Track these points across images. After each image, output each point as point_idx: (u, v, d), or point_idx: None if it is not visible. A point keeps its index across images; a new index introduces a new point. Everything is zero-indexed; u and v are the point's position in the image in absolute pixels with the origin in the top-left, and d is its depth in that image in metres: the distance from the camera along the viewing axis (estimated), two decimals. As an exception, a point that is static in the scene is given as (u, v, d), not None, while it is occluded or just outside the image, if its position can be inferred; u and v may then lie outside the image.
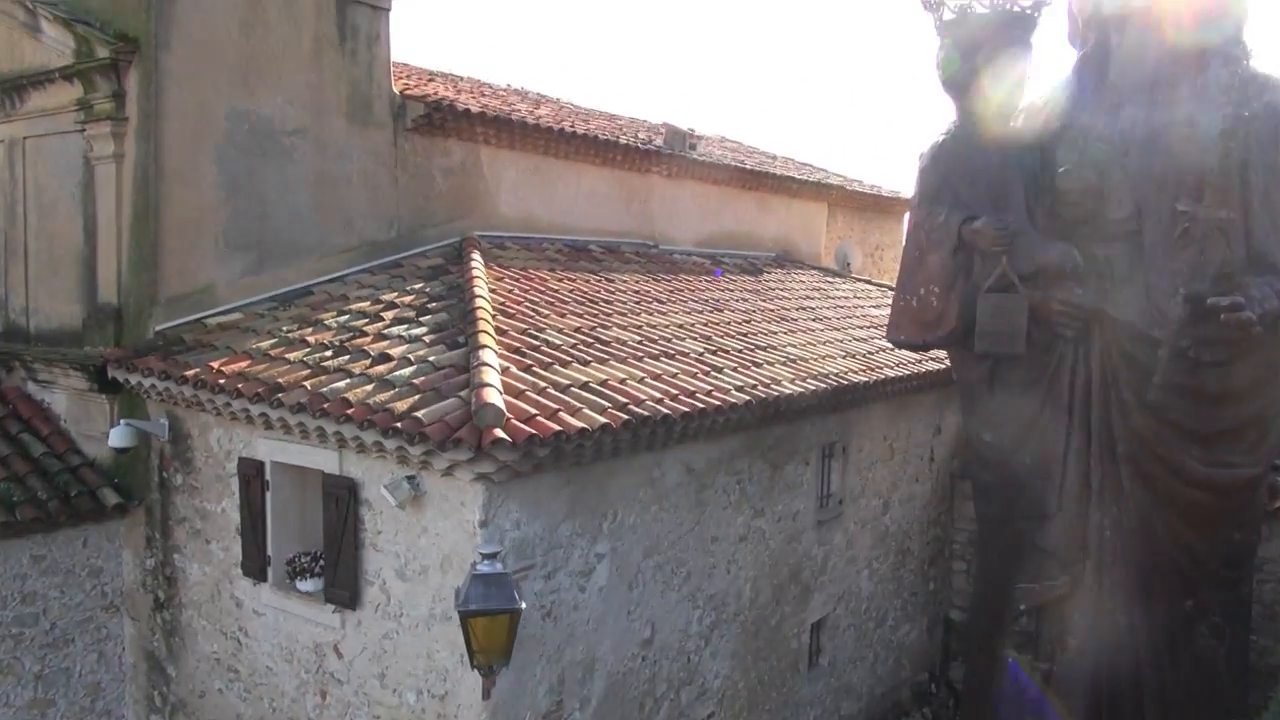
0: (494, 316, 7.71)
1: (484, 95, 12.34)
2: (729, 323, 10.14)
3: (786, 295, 12.66)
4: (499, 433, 5.70)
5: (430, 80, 12.03)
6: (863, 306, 13.44)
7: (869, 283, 15.73)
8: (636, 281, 10.87)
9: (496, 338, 7.22)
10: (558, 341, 7.66)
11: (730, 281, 12.47)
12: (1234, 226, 7.39)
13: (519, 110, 11.66)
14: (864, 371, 9.69)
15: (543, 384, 6.64)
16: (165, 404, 7.81)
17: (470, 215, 10.65)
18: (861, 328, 11.98)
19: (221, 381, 6.90)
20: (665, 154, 12.94)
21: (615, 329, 8.57)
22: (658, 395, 7.11)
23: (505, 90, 14.26)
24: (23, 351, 8.99)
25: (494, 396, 5.94)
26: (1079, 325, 8.06)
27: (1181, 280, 7.30)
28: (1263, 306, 7.31)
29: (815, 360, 9.52)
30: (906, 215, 19.13)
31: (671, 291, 10.87)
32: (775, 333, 10.27)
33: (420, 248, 10.03)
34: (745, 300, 11.56)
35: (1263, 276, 7.63)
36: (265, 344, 7.49)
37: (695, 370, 7.99)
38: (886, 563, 10.96)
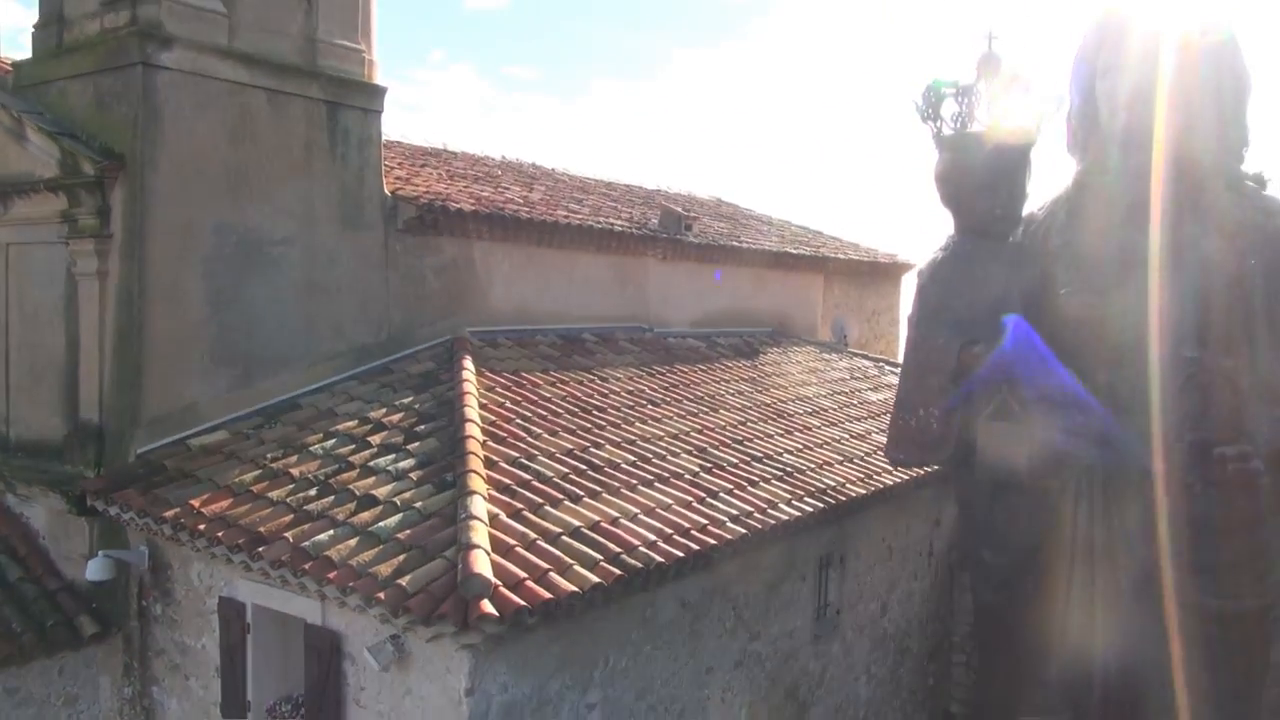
0: (484, 444, 7.54)
1: (477, 180, 12.22)
2: (724, 426, 9.96)
3: (783, 383, 12.49)
4: (486, 606, 5.51)
5: (422, 166, 11.92)
6: (860, 390, 13.28)
7: (866, 357, 15.58)
8: (630, 378, 10.70)
9: (485, 473, 7.05)
10: (549, 473, 7.47)
11: (725, 369, 12.30)
12: (1240, 372, 7.26)
13: (513, 201, 11.53)
14: (862, 480, 9.51)
15: (532, 535, 6.45)
16: (145, 533, 7.60)
17: (463, 311, 10.47)
18: (859, 419, 11.81)
19: (201, 526, 6.70)
20: (660, 238, 12.82)
21: (608, 446, 8.39)
22: (651, 537, 6.92)
23: (500, 166, 14.16)
24: (1, 464, 8.77)
25: (481, 563, 5.74)
26: (1082, 454, 7.89)
27: (1188, 425, 7.15)
28: (1269, 446, 7.16)
29: (813, 470, 9.33)
30: (904, 278, 19.17)
31: (666, 388, 10.70)
32: (772, 435, 10.09)
33: (412, 348, 9.85)
34: (741, 394, 11.38)
35: (1268, 410, 7.48)
36: (248, 477, 7.29)
37: (690, 498, 7.81)
38: (885, 665, 10.74)
